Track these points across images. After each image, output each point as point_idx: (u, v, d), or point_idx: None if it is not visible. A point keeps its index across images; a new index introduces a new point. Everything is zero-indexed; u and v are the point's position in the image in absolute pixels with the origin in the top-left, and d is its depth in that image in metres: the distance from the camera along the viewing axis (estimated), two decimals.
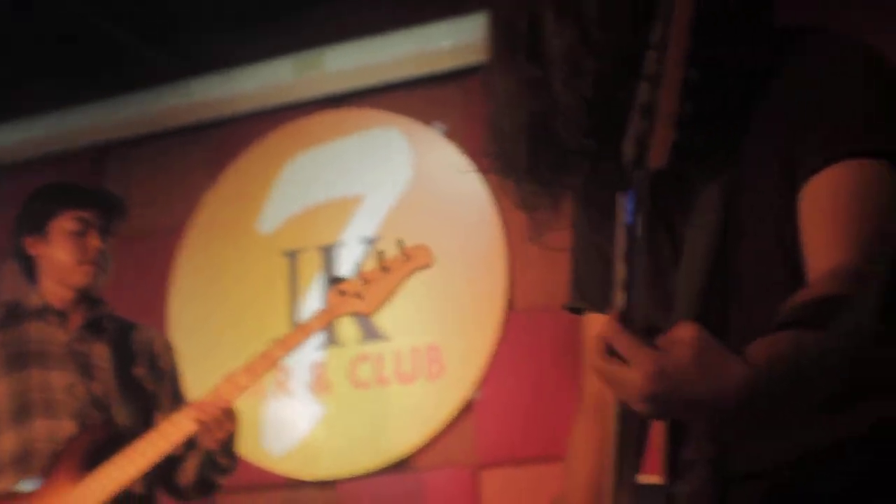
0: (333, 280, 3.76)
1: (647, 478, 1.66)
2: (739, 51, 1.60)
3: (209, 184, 5.37)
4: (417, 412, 4.84)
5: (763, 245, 1.64)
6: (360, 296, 3.65)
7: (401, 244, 3.69)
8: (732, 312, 1.65)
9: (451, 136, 4.95)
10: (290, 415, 5.02)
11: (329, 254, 5.11)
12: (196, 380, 4.06)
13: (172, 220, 5.39)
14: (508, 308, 4.79)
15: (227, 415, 3.56)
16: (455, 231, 4.85)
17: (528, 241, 1.80)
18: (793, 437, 1.61)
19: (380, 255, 3.69)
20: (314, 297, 5.06)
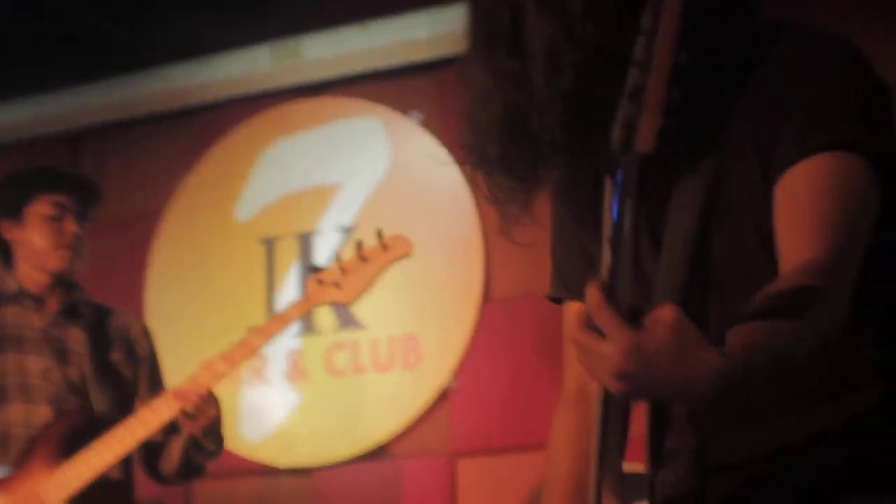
0: (311, 269, 3.76)
1: (630, 466, 1.68)
2: (727, 40, 1.61)
3: (186, 170, 5.36)
4: (394, 401, 4.84)
5: (743, 235, 1.65)
6: (339, 285, 3.65)
7: (379, 234, 3.69)
8: (712, 303, 1.66)
9: (428, 126, 4.95)
10: (267, 402, 5.02)
11: (306, 242, 5.11)
12: (173, 367, 4.06)
13: (149, 206, 5.37)
14: (485, 298, 4.80)
15: (209, 401, 3.57)
16: (432, 220, 4.86)
17: (498, 235, 1.81)
18: (769, 429, 1.62)
19: (358, 245, 3.69)
20: (291, 285, 5.06)
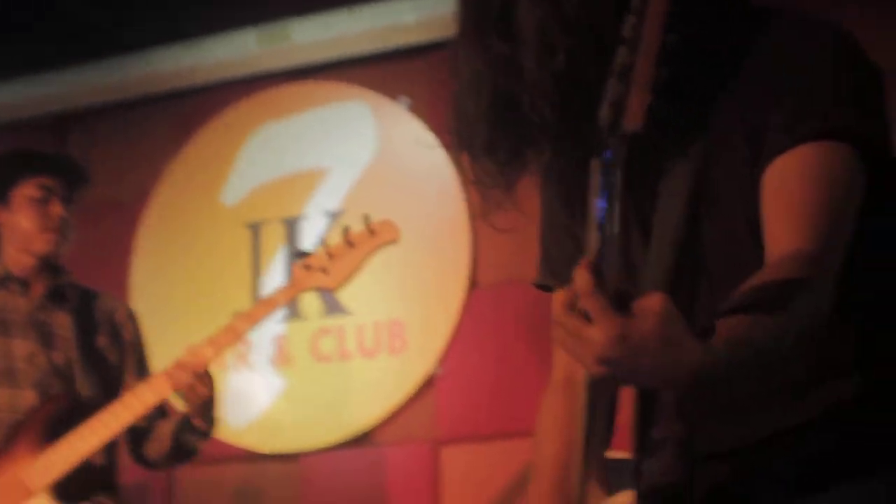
0: (298, 254, 3.75)
1: (616, 453, 1.67)
2: (716, 22, 1.60)
3: (174, 154, 5.35)
4: (379, 387, 4.84)
5: (731, 222, 1.65)
6: (326, 271, 3.64)
7: (366, 219, 3.68)
8: (701, 290, 1.65)
9: (417, 111, 4.94)
10: (252, 388, 5.01)
11: (292, 226, 5.10)
12: (158, 351, 4.05)
13: (136, 190, 5.36)
14: (472, 284, 4.79)
15: (202, 379, 3.55)
16: (419, 206, 4.85)
17: (479, 218, 1.80)
18: (755, 419, 1.62)
19: (345, 230, 3.68)
20: (277, 270, 5.05)
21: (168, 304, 5.15)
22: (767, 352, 1.46)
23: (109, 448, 3.69)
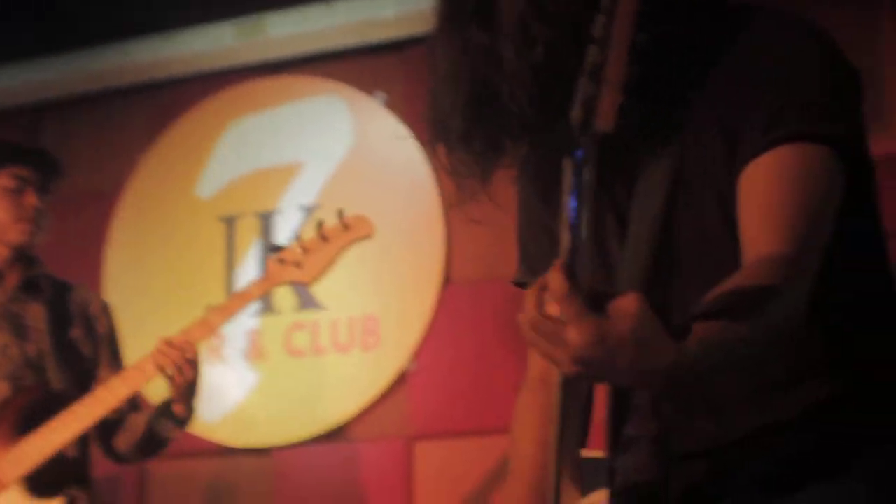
0: (273, 248, 3.75)
1: (591, 452, 1.67)
2: (689, 21, 1.60)
3: (149, 146, 5.33)
4: (353, 382, 4.83)
5: (708, 221, 1.64)
6: (300, 265, 3.63)
7: (341, 214, 3.68)
8: (676, 289, 1.65)
9: (392, 107, 4.94)
10: (225, 382, 5.00)
11: (267, 220, 5.09)
12: (131, 343, 4.03)
13: (110, 181, 5.33)
14: (447, 280, 4.79)
15: (190, 363, 3.54)
16: (394, 201, 4.84)
17: (453, 209, 1.80)
18: (731, 418, 1.63)
19: (319, 225, 3.68)
20: (251, 264, 5.04)
21: (142, 297, 5.13)
22: (741, 355, 1.47)
23: (82, 441, 3.68)
